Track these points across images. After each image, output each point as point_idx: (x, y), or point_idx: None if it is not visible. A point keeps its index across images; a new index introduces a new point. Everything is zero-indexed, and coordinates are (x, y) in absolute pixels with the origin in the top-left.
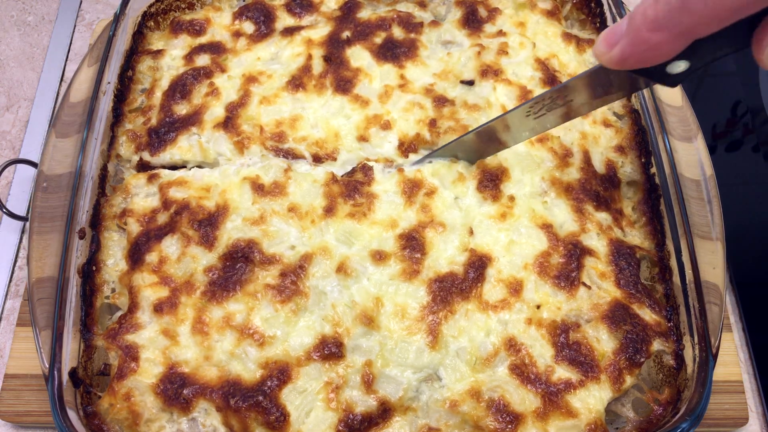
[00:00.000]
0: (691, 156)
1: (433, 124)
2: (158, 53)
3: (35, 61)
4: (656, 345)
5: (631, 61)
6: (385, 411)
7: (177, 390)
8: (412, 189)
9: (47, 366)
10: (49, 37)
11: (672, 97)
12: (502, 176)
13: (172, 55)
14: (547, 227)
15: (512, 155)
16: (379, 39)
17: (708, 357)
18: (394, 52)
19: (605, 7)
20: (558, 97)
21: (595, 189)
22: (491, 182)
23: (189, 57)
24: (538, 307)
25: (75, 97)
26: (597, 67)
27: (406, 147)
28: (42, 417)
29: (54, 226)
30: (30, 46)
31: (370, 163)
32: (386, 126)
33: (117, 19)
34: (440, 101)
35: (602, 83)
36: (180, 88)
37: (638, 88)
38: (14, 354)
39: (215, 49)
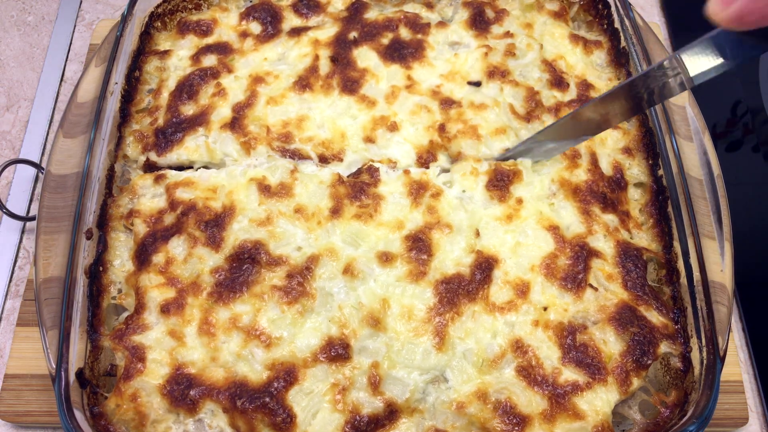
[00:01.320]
0: (697, 155)
1: (442, 128)
2: (165, 53)
3: (35, 61)
4: (663, 347)
5: (751, 19)
6: (392, 412)
7: (183, 391)
8: (418, 190)
9: (54, 366)
10: (49, 37)
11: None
12: (513, 177)
13: (179, 56)
14: (554, 229)
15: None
16: (386, 40)
17: (716, 359)
18: (401, 52)
19: (612, 8)
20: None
21: (602, 191)
22: (501, 182)
23: (196, 57)
24: (545, 308)
25: (82, 98)
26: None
27: (425, 159)
28: (42, 417)
29: (61, 226)
30: (30, 46)
31: (376, 165)
32: (393, 127)
33: (124, 19)
34: (447, 103)
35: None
36: (187, 89)
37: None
38: (14, 354)
39: (222, 49)
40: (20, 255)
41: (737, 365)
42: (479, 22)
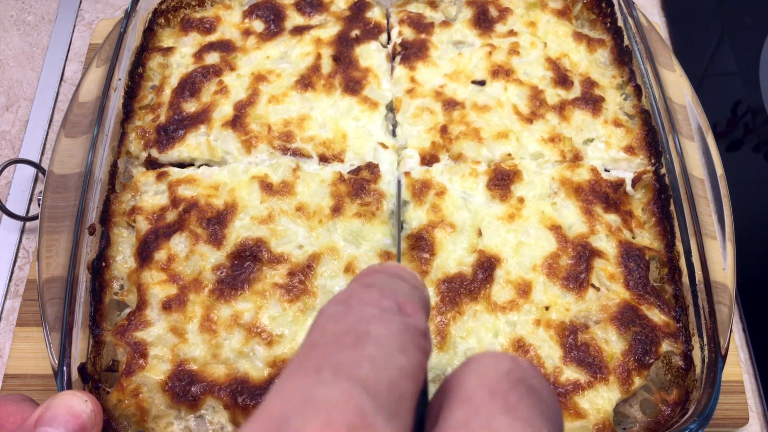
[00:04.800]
0: (699, 155)
1: (444, 130)
2: (168, 51)
3: (35, 60)
4: (665, 346)
5: None
6: None
7: (185, 387)
8: (421, 189)
9: (57, 361)
10: (49, 37)
11: (679, 94)
12: (514, 177)
13: (182, 53)
14: (556, 229)
15: (528, 157)
16: None
17: (717, 358)
18: (404, 53)
19: (616, 7)
20: None
21: (605, 191)
22: (502, 181)
23: (199, 55)
24: (547, 308)
25: (84, 97)
26: None
27: (428, 160)
28: None
29: (62, 226)
30: (30, 46)
31: (375, 162)
32: (395, 129)
33: (128, 16)
34: (450, 104)
35: None
36: (189, 86)
37: None
38: (14, 354)
39: (225, 47)
40: (20, 255)
41: (738, 365)
42: (483, 21)
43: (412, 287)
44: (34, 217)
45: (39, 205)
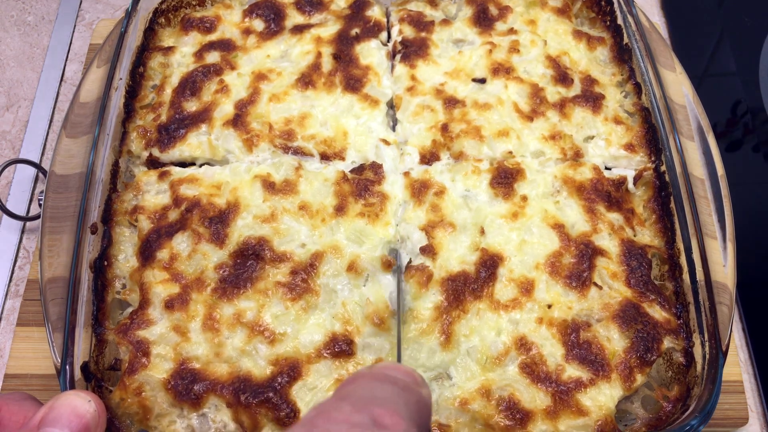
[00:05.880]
0: (699, 155)
1: (445, 128)
2: (169, 50)
3: (35, 61)
4: (666, 343)
5: None
6: None
7: (187, 386)
8: (420, 189)
9: (59, 360)
10: (49, 37)
11: (679, 94)
12: (517, 176)
13: (182, 52)
14: (559, 227)
15: (529, 155)
16: None
17: (718, 354)
18: (405, 51)
19: (615, 5)
20: None
21: (607, 189)
22: (506, 180)
23: (199, 54)
24: (550, 306)
25: (85, 97)
26: None
27: (428, 159)
28: None
29: (64, 226)
30: (30, 46)
31: (379, 162)
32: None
33: (129, 15)
34: (450, 102)
35: None
36: (190, 86)
37: None
38: (14, 354)
39: (225, 46)
40: (20, 255)
41: (737, 365)
42: (483, 19)
43: (400, 390)
44: (35, 217)
45: (39, 205)
